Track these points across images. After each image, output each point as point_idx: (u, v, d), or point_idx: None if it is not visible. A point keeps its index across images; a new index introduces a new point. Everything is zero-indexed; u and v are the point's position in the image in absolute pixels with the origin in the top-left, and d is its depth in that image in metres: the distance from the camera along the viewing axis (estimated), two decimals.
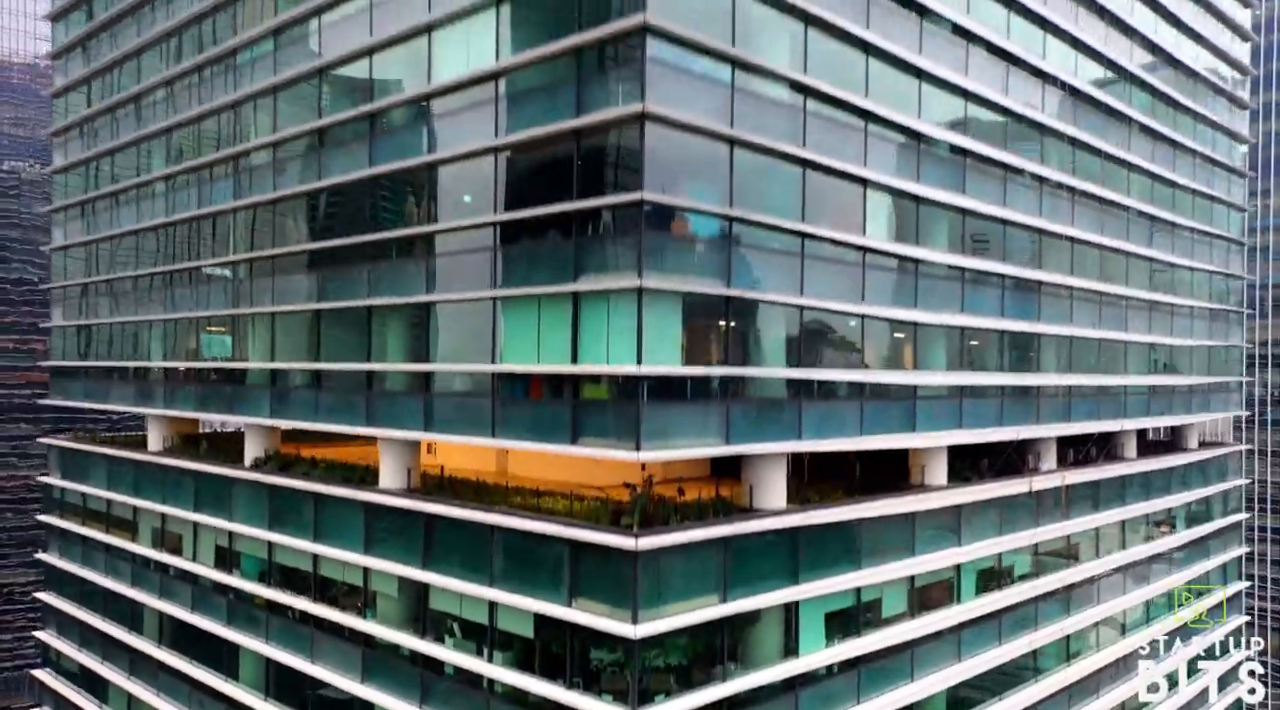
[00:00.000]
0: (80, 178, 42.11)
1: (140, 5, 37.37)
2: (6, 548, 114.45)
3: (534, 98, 22.33)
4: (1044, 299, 33.10)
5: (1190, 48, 42.39)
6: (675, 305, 20.85)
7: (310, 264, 29.27)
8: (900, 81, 26.59)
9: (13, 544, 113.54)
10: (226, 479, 32.15)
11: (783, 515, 23.31)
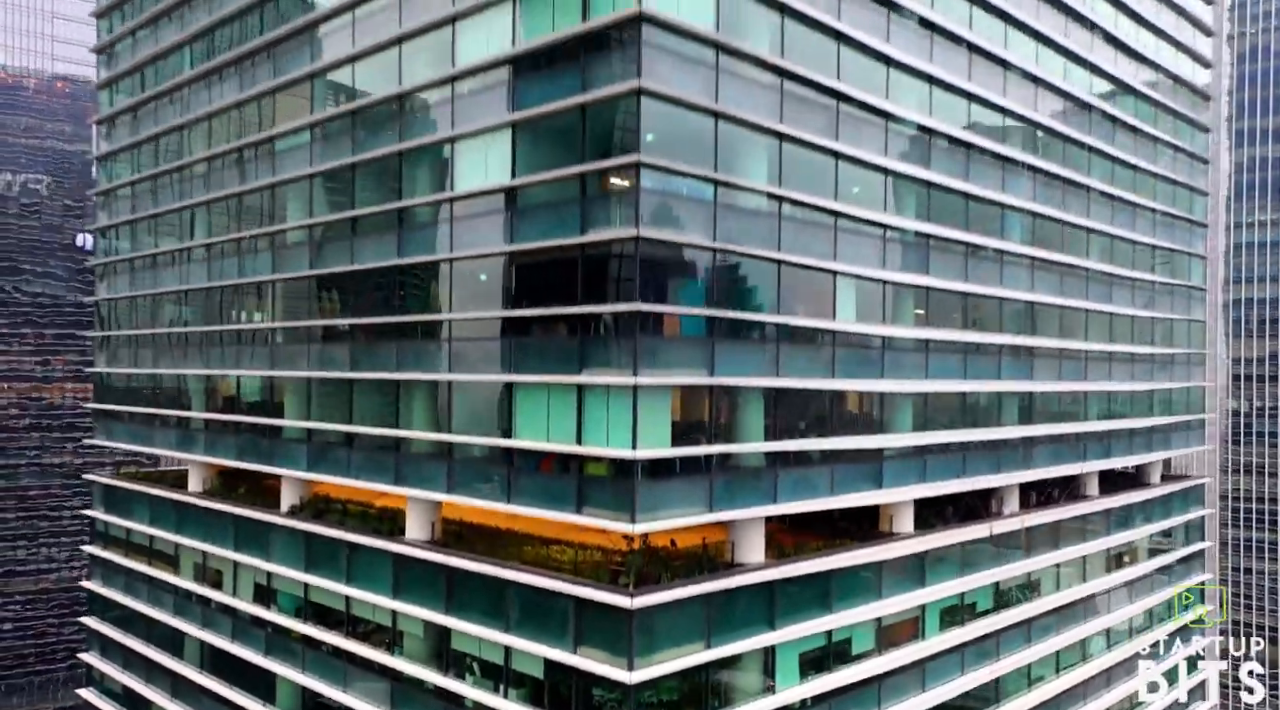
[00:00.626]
0: (126, 238, 45.65)
1: (182, 85, 40.92)
2: (31, 552, 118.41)
3: (542, 213, 25.81)
4: (1004, 359, 36.48)
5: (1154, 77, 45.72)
6: (666, 395, 24.32)
7: (344, 336, 32.75)
8: (872, 183, 30.06)
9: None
10: (265, 523, 35.65)
11: (761, 570, 26.73)
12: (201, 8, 39.38)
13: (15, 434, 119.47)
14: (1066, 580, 40.63)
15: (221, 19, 37.84)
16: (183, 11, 40.58)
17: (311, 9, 33.66)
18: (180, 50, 40.97)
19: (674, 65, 24.12)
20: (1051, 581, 39.80)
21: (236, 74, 37.42)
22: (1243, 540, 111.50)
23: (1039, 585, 39.17)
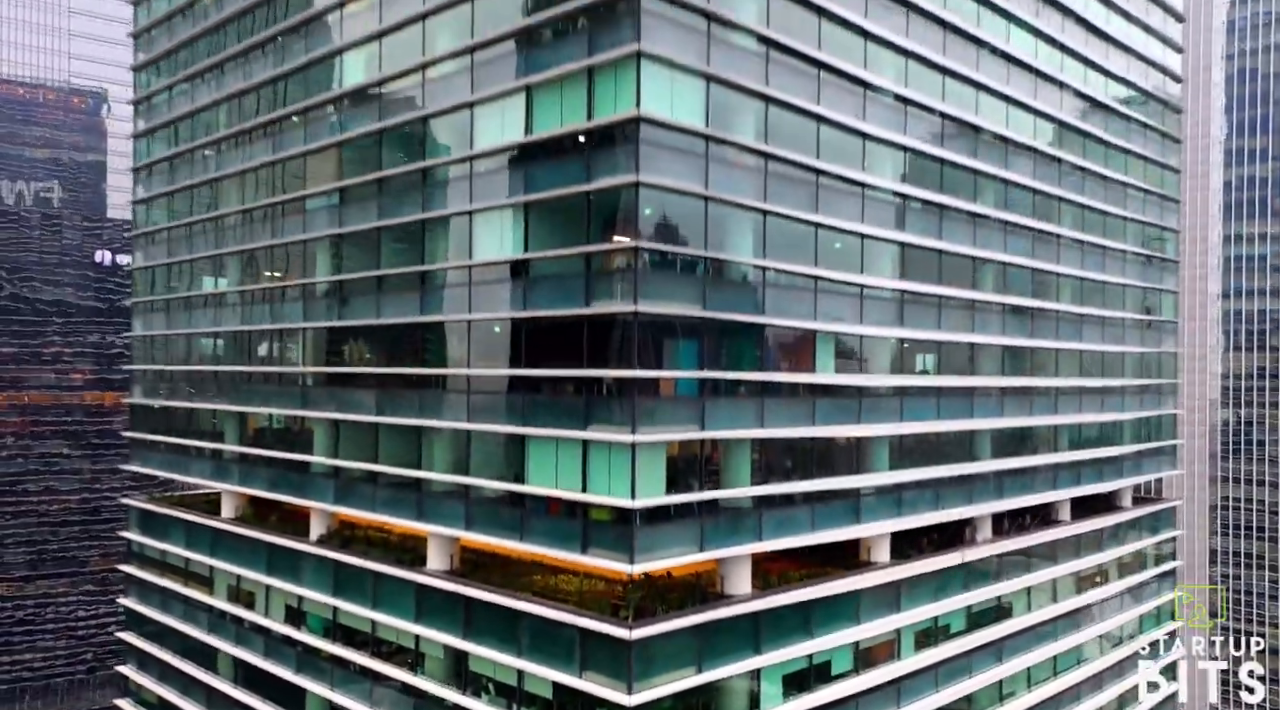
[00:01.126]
0: (161, 279, 48.94)
1: (217, 142, 44.20)
2: (48, 564, 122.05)
3: (551, 283, 28.97)
4: (976, 398, 39.55)
5: None
6: (661, 448, 27.45)
7: (370, 382, 35.92)
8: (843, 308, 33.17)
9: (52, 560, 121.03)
10: (295, 551, 38.86)
11: (747, 601, 29.85)
12: (236, 71, 42.63)
13: (35, 442, 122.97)
14: (1037, 601, 43.66)
15: (255, 84, 41.06)
16: (218, 74, 43.80)
17: (341, 84, 36.84)
18: (215, 109, 44.23)
19: (669, 157, 27.25)
20: (1023, 603, 42.85)
21: (268, 135, 40.66)
22: (1232, 551, 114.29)
23: (1010, 607, 42.23)
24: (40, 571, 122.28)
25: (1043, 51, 42.56)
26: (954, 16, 37.05)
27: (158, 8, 48.86)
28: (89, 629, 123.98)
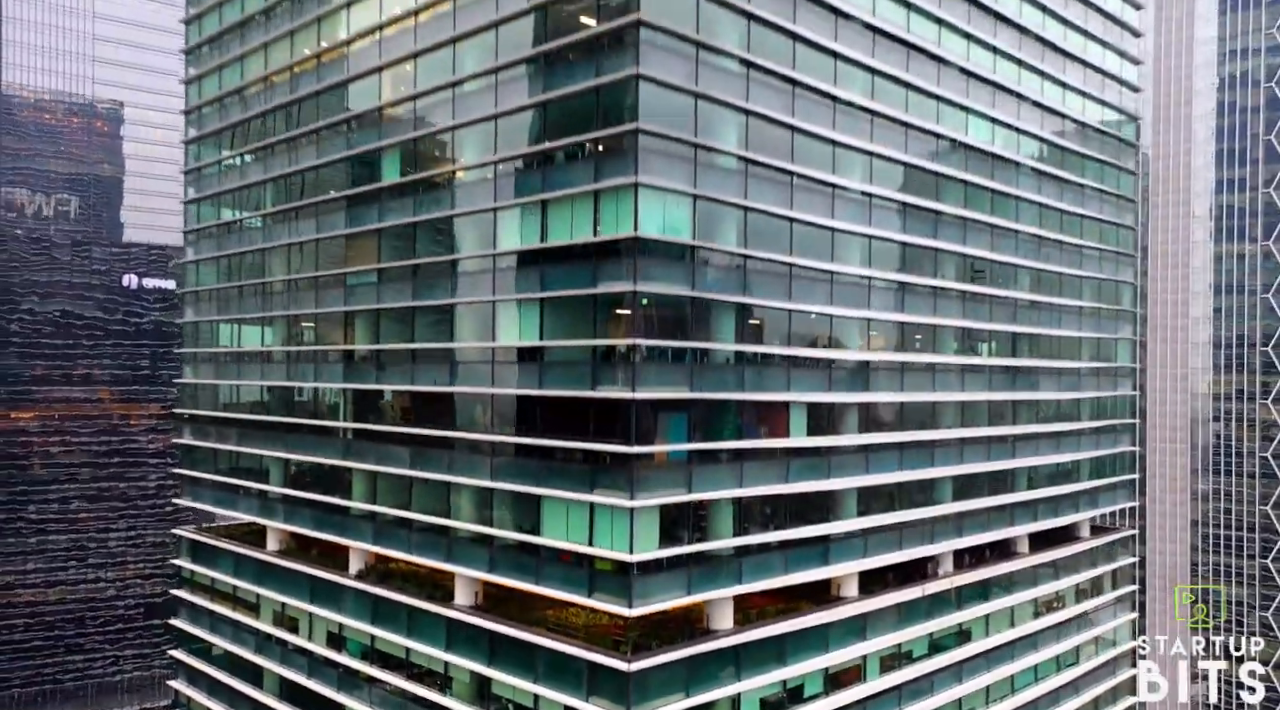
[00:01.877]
0: (209, 333, 54.40)
1: (264, 216, 49.65)
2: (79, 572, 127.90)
3: (563, 368, 34.32)
4: (937, 449, 44.71)
5: None
6: (655, 510, 32.73)
7: (405, 439, 41.23)
8: None
9: None
10: (337, 583, 44.21)
11: (729, 635, 35.14)
12: (283, 155, 48.03)
13: (65, 458, 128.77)
14: (996, 627, 48.81)
15: (301, 169, 46.50)
16: (266, 156, 49.26)
17: (379, 178, 42.22)
18: (262, 187, 49.69)
19: (662, 265, 32.61)
20: (981, 629, 48.00)
21: (314, 215, 46.07)
22: (1213, 564, 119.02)
23: (970, 632, 47.40)
24: (71, 580, 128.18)
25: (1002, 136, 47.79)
26: (917, 158, 42.31)
27: (209, 89, 54.25)
28: (114, 637, 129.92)
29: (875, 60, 40.08)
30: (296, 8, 46.53)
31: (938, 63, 43.45)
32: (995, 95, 47.30)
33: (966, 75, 45.32)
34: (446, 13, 38.55)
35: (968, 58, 45.36)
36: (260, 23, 49.24)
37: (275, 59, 48.25)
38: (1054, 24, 51.31)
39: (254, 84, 49.98)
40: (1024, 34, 48.85)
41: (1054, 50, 51.22)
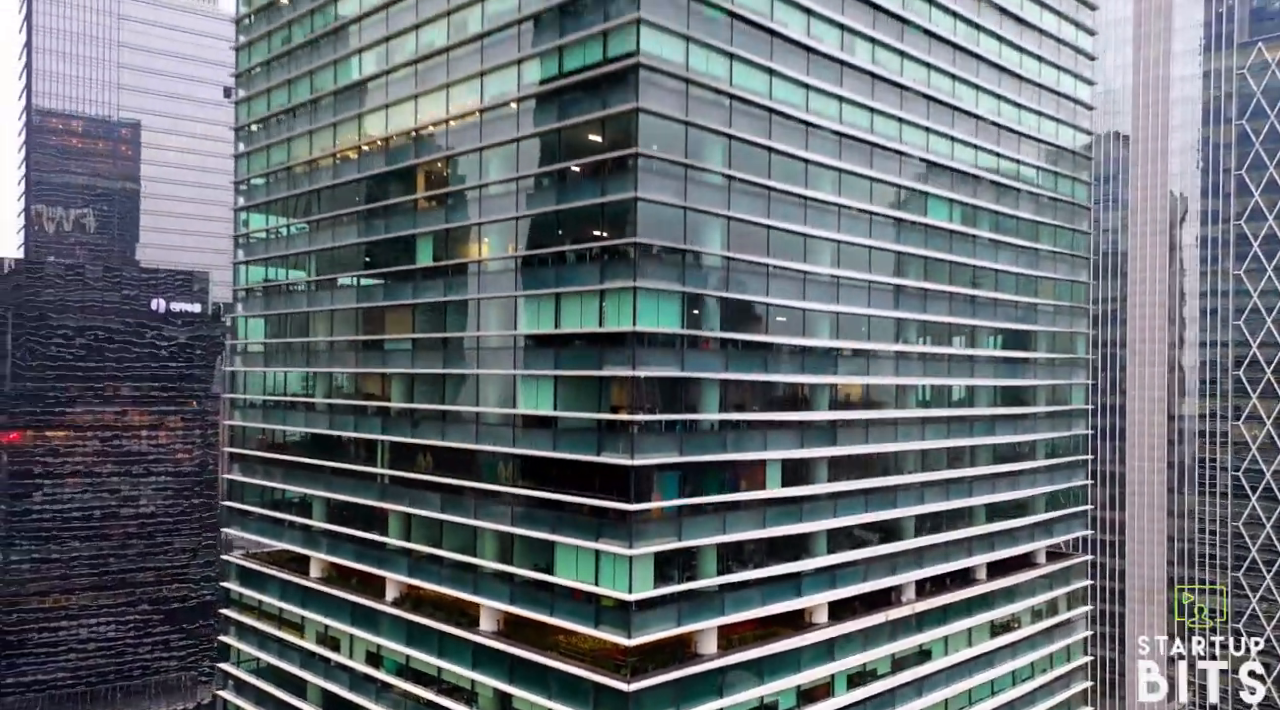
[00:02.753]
0: (257, 383, 60.98)
1: (306, 285, 56.22)
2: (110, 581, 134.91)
3: (573, 434, 40.79)
4: (900, 493, 51.08)
5: None
6: (650, 557, 39.18)
7: (435, 486, 47.73)
8: None
9: None
10: (375, 610, 50.73)
11: (712, 659, 41.60)
12: (326, 230, 54.60)
13: (99, 473, 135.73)
14: (955, 646, 55.15)
15: (344, 245, 53.08)
16: (311, 230, 55.87)
17: (414, 260, 48.77)
18: (308, 257, 56.31)
19: (658, 353, 39.06)
20: (941, 648, 54.35)
21: (353, 288, 52.67)
22: (1187, 578, 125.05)
23: (930, 652, 53.76)
24: (102, 587, 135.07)
25: None
26: (882, 242, 48.78)
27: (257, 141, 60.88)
28: (142, 641, 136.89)
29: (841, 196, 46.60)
30: (341, 105, 53.09)
31: (899, 156, 49.94)
32: (954, 179, 53.71)
33: (927, 165, 51.79)
34: (474, 123, 45.07)
35: (927, 147, 51.83)
36: (308, 110, 55.79)
37: (319, 145, 54.86)
38: (1009, 91, 57.73)
39: (300, 165, 56.59)
40: (979, 92, 55.31)
41: (1009, 131, 57.63)
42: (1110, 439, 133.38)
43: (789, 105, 43.89)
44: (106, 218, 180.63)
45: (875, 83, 48.38)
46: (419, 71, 48.18)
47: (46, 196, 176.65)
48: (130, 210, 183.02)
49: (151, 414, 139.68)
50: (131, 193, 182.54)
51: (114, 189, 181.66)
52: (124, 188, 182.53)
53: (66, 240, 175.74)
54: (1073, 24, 63.02)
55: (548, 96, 41.56)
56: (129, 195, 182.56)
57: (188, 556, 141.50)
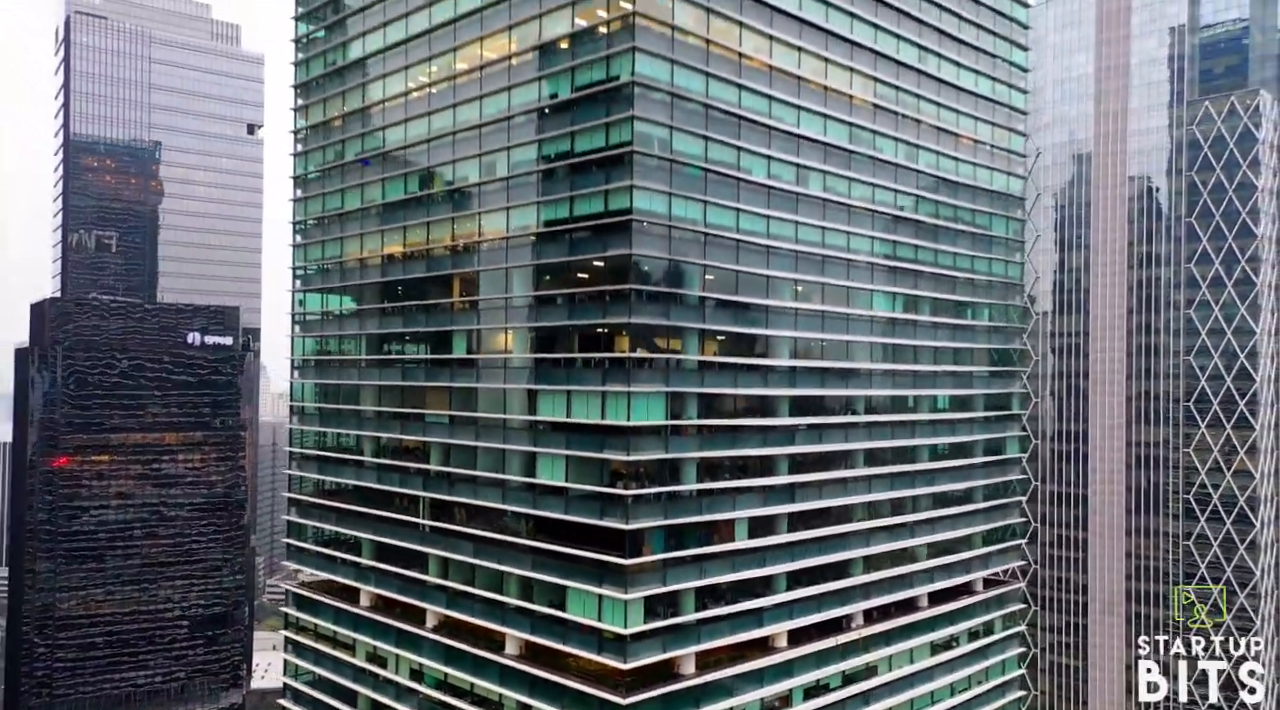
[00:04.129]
0: (313, 440, 72.07)
1: (355, 358, 67.33)
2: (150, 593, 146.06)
3: (581, 501, 51.82)
4: (850, 538, 62.02)
5: None
6: (641, 599, 50.19)
7: (468, 535, 58.72)
8: None
9: None
10: (418, 635, 61.75)
11: (691, 678, 52.62)
12: (374, 317, 65.68)
13: (139, 495, 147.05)
14: (898, 664, 66.09)
15: (390, 332, 64.15)
16: (362, 318, 66.92)
17: (450, 351, 59.83)
18: (359, 338, 67.39)
19: (650, 439, 50.08)
20: (886, 665, 65.30)
21: (398, 367, 63.75)
22: (1143, 592, 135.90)
23: (876, 668, 64.73)
24: (141, 598, 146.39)
25: None
26: (832, 334, 59.79)
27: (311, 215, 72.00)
28: (173, 647, 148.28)
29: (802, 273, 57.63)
30: (388, 215, 64.19)
31: (847, 209, 60.92)
32: (896, 275, 64.75)
33: (870, 262, 62.87)
34: (501, 247, 56.18)
35: (872, 250, 62.90)
36: (357, 217, 66.91)
37: (368, 247, 66.00)
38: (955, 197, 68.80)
39: (352, 260, 67.75)
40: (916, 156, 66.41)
41: (945, 229, 68.66)
42: (1074, 463, 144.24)
43: (752, 235, 54.91)
44: (128, 241, 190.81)
45: (826, 206, 59.43)
46: (455, 199, 59.30)
47: (74, 218, 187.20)
48: (150, 235, 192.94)
49: (186, 438, 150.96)
50: (152, 217, 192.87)
51: (136, 212, 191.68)
52: (145, 211, 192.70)
53: (95, 266, 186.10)
54: (1006, 85, 73.92)
55: (558, 234, 52.67)
56: (150, 220, 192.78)
57: (217, 570, 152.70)
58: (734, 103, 53.71)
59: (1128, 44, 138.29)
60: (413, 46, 61.55)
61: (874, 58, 62.48)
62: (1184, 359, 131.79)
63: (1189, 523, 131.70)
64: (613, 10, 49.66)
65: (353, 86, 66.79)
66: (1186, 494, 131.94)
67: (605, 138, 50.02)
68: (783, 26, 56.20)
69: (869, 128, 62.39)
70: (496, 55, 56.12)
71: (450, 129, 58.95)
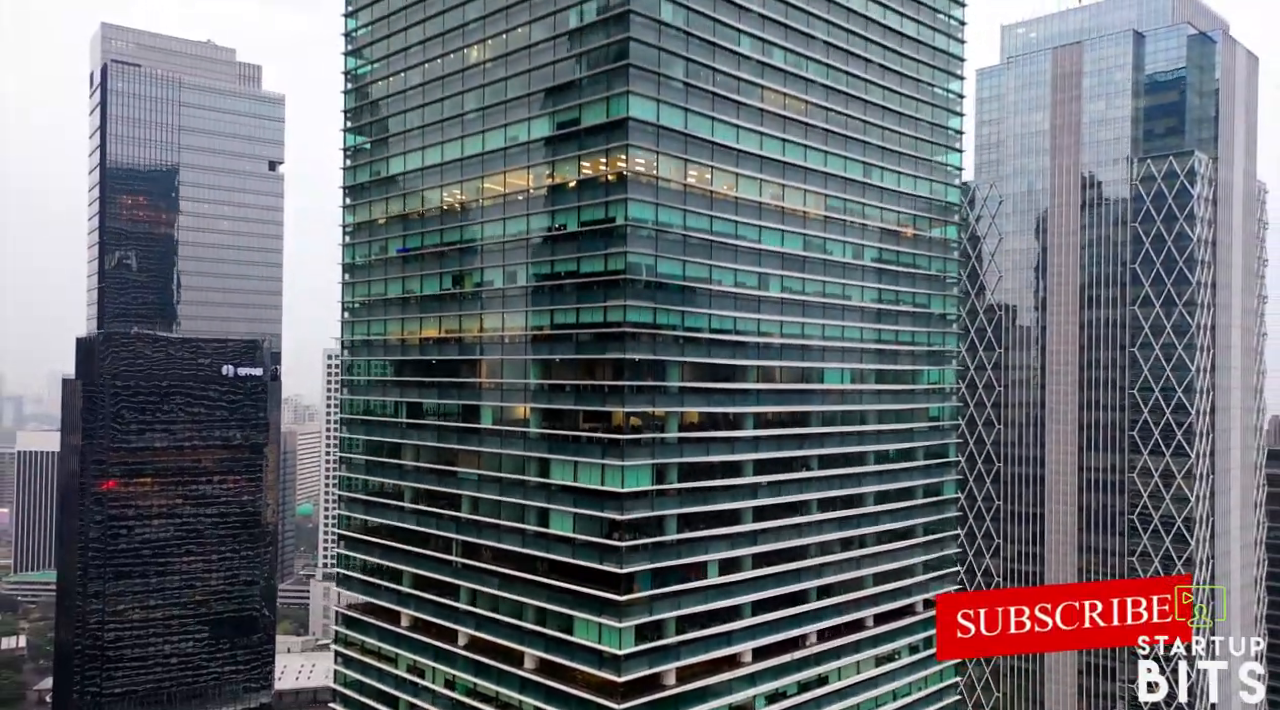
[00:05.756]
0: (360, 488, 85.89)
1: (394, 425, 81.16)
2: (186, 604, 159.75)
3: (585, 548, 65.71)
4: (805, 573, 75.81)
5: None
6: (633, 627, 64.01)
7: (494, 572, 72.48)
8: None
9: None
10: (451, 651, 75.55)
11: (672, 688, 66.49)
12: (413, 389, 79.49)
13: (174, 512, 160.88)
14: (846, 674, 79.92)
15: (426, 400, 77.96)
16: (401, 388, 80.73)
17: (479, 421, 73.64)
18: (400, 404, 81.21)
19: (636, 502, 63.92)
20: (836, 676, 79.14)
21: (434, 429, 77.58)
22: None
23: (827, 678, 78.55)
24: (180, 609, 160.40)
25: None
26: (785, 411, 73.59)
27: None
28: (203, 651, 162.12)
29: None
30: (425, 306, 77.99)
31: (801, 305, 74.82)
32: (845, 354, 78.59)
33: (823, 345, 76.72)
34: (520, 342, 70.03)
35: (823, 334, 76.79)
36: (398, 306, 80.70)
37: (409, 330, 79.80)
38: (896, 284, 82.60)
39: (394, 338, 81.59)
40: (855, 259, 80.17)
41: (888, 310, 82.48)
42: (1032, 485, 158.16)
43: (722, 332, 68.78)
44: (154, 270, 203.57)
45: (784, 304, 73.30)
46: (483, 298, 73.15)
47: (109, 250, 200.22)
48: (175, 264, 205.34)
49: (218, 461, 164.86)
50: (178, 248, 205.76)
51: (164, 242, 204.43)
52: (172, 242, 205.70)
53: (124, 288, 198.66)
54: (943, 184, 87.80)
55: (566, 336, 66.50)
56: (175, 250, 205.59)
57: (250, 583, 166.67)
58: (706, 229, 67.55)
59: (1079, 104, 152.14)
60: (447, 169, 75.39)
61: (824, 177, 76.29)
62: (1129, 393, 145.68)
63: (1133, 540, 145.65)
64: (611, 167, 63.46)
65: (394, 195, 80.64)
66: (1131, 514, 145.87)
67: (604, 264, 63.88)
68: (747, 164, 70.02)
69: (820, 236, 76.22)
70: (517, 187, 69.97)
71: (479, 240, 72.87)
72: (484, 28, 72.29)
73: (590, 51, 64.54)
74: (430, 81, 76.71)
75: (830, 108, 76.44)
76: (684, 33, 65.12)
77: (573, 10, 65.51)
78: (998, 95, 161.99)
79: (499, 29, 70.92)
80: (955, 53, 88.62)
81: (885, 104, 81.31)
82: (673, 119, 64.54)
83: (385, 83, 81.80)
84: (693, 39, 65.84)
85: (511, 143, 69.92)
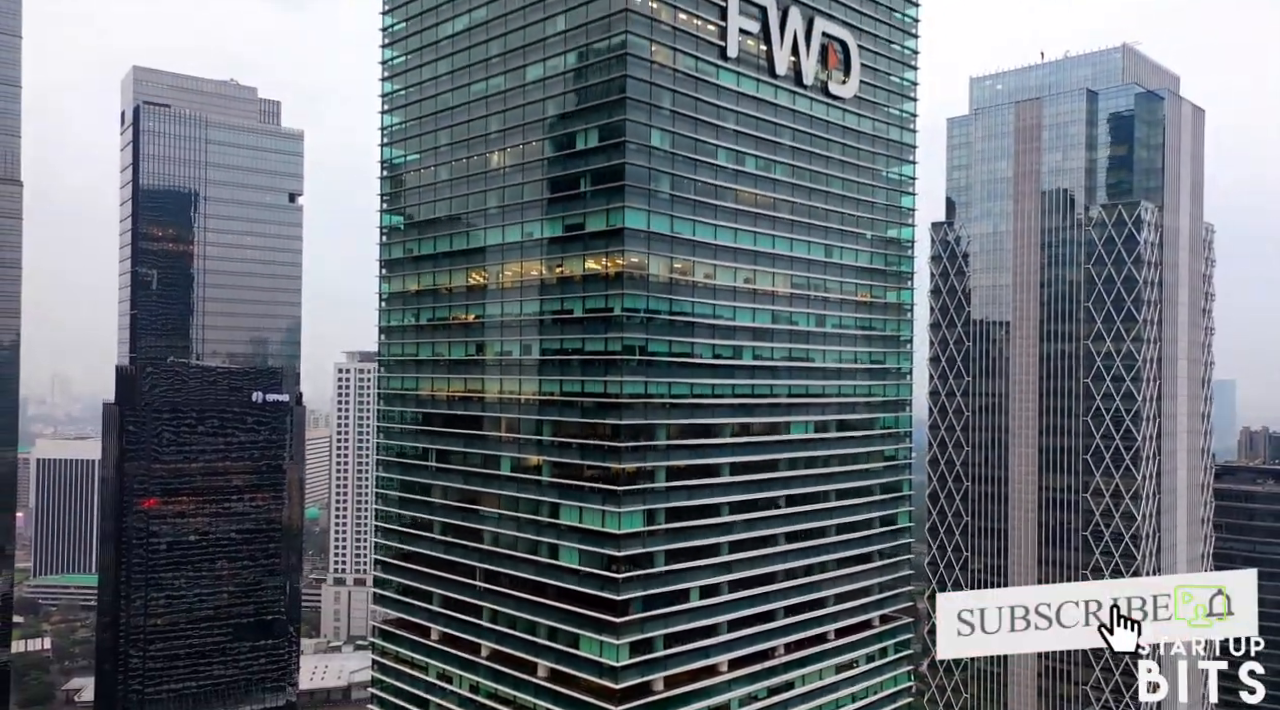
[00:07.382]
0: (396, 521, 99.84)
1: (425, 484, 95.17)
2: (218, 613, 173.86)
3: (592, 577, 79.82)
4: (771, 596, 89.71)
5: None
6: (629, 644, 78.02)
7: (511, 595, 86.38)
8: None
9: None
10: (475, 661, 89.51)
11: (660, 694, 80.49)
12: (442, 439, 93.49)
13: (210, 530, 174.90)
14: (810, 680, 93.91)
15: (451, 449, 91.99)
16: (430, 439, 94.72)
17: (500, 468, 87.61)
18: (429, 451, 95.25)
19: (631, 541, 77.94)
20: (801, 682, 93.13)
21: (460, 472, 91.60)
22: None
23: (794, 683, 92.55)
24: (215, 614, 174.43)
25: None
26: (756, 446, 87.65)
27: None
28: (233, 652, 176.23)
29: None
30: (454, 369, 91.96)
31: (771, 369, 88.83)
32: (809, 408, 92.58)
33: (789, 402, 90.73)
34: (533, 405, 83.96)
35: (789, 393, 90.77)
36: (429, 368, 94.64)
37: (436, 387, 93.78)
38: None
39: (424, 393, 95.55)
40: None
41: (847, 368, 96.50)
42: (996, 502, 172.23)
43: (702, 397, 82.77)
44: (179, 296, 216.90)
45: (755, 370, 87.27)
46: (503, 365, 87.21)
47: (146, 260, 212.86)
48: (186, 269, 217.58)
49: (248, 479, 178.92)
50: (202, 275, 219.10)
51: (189, 269, 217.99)
52: (197, 269, 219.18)
53: (155, 312, 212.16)
54: (898, 256, 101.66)
55: (573, 403, 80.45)
56: (199, 277, 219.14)
57: (278, 590, 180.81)
58: (689, 311, 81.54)
59: (1039, 155, 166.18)
60: (471, 255, 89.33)
61: (790, 260, 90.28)
62: (1083, 419, 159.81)
63: (1086, 555, 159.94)
64: (611, 265, 77.44)
65: (425, 271, 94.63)
66: (1085, 530, 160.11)
67: (604, 345, 77.86)
68: (723, 256, 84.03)
69: (786, 310, 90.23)
70: (532, 277, 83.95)
71: (499, 318, 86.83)
72: (504, 138, 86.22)
73: (593, 169, 78.50)
74: (457, 178, 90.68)
75: (795, 200, 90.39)
76: (670, 153, 79.10)
77: (579, 134, 79.47)
78: (966, 143, 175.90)
79: (516, 142, 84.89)
80: (907, 142, 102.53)
81: (844, 193, 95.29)
82: (661, 225, 78.52)
83: (417, 174, 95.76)
84: (677, 157, 79.80)
85: (527, 238, 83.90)
